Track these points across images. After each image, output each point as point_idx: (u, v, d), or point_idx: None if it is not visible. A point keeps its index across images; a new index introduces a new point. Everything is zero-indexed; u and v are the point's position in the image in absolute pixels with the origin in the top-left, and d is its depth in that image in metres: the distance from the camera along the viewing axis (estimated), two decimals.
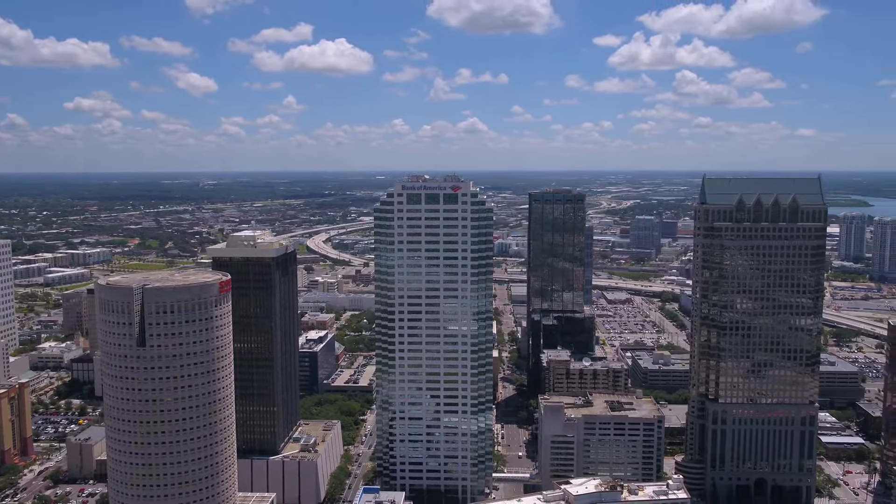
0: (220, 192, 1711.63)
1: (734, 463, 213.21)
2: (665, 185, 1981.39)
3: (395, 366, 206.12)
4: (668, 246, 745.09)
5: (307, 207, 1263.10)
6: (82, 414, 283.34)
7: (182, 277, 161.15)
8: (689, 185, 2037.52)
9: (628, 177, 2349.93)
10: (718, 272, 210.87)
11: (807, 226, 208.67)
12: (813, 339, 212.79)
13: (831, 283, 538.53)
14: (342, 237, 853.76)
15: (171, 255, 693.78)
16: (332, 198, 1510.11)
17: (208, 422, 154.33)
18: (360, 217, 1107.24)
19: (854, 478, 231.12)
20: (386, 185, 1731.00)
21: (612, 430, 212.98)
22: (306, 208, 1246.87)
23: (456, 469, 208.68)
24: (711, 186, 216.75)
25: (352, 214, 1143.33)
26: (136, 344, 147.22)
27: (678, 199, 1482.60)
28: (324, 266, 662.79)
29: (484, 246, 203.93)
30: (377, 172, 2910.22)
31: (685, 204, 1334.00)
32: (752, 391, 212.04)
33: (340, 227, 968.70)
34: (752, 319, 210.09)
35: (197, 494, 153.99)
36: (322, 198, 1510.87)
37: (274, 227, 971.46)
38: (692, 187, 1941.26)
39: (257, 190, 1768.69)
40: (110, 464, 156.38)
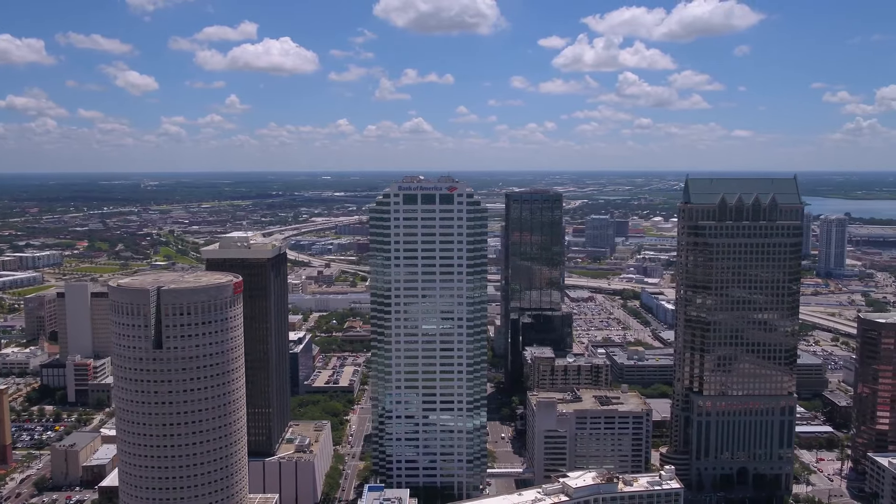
0: (163, 193, 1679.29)
1: (718, 453, 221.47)
2: (609, 185, 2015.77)
3: (392, 364, 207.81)
4: (622, 245, 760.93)
5: (256, 208, 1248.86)
6: (57, 420, 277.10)
7: (193, 279, 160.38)
8: (633, 184, 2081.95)
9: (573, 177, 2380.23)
10: (703, 269, 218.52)
11: (785, 224, 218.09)
12: (791, 332, 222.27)
13: None
14: (297, 238, 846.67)
15: (123, 258, 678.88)
16: (280, 198, 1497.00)
17: (223, 423, 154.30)
18: (311, 218, 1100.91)
19: (827, 464, 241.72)
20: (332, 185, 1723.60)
21: (602, 423, 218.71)
22: (255, 209, 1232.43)
23: (452, 466, 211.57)
24: (695, 186, 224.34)
25: (303, 215, 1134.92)
26: (152, 346, 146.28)
27: (624, 198, 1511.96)
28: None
29: (479, 246, 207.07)
30: (323, 173, 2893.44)
31: (632, 203, 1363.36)
32: (735, 384, 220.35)
33: (294, 228, 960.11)
34: (735, 314, 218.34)
35: (213, 496, 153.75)
36: (270, 198, 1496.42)
37: (225, 228, 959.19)
38: (636, 187, 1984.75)
39: (202, 191, 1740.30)
40: (123, 467, 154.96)
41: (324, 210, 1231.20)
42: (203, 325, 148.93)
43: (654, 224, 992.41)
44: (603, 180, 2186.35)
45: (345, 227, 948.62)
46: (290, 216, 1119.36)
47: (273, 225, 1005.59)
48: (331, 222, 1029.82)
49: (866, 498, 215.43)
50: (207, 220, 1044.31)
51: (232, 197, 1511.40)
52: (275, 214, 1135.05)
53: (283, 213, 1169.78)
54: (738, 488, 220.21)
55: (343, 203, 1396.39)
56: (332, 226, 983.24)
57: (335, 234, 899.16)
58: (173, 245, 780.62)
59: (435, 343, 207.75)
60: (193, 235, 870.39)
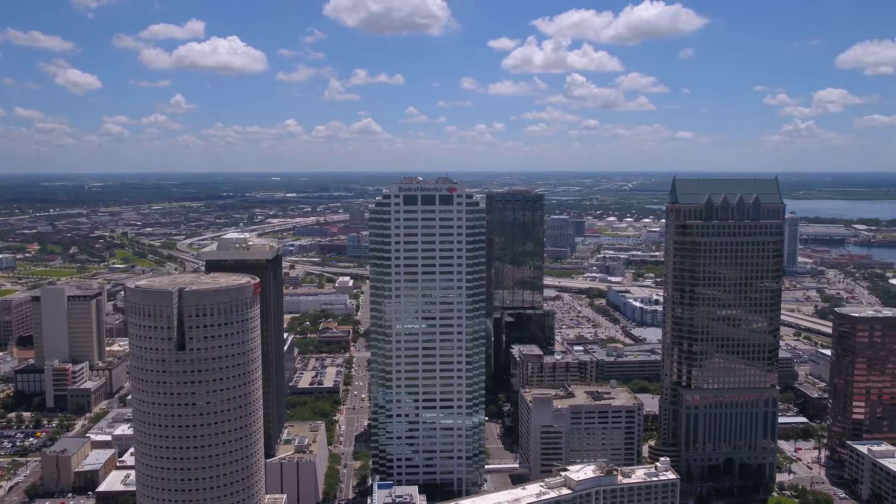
0: (109, 194, 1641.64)
1: (705, 444, 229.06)
2: (559, 185, 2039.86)
3: (391, 363, 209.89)
4: (581, 244, 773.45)
5: (208, 210, 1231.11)
6: (38, 427, 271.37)
7: (211, 280, 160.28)
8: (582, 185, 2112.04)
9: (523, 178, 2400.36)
10: (690, 267, 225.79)
11: (768, 223, 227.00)
12: (773, 328, 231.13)
13: None
14: None
15: (79, 261, 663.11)
16: (231, 200, 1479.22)
17: (243, 423, 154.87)
18: (267, 219, 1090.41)
19: (804, 453, 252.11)
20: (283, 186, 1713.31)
21: (596, 418, 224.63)
22: (208, 210, 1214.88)
23: (451, 463, 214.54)
24: (682, 187, 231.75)
25: (258, 217, 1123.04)
26: (174, 347, 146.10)
27: (575, 199, 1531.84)
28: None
29: (478, 245, 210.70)
30: (272, 174, 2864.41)
31: (584, 204, 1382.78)
32: (721, 378, 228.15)
33: (251, 230, 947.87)
34: (721, 310, 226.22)
35: (234, 497, 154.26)
36: (221, 200, 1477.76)
37: (179, 230, 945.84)
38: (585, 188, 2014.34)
39: (149, 192, 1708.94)
40: (142, 469, 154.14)
41: (278, 211, 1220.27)
42: (225, 325, 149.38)
43: (609, 224, 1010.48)
44: (553, 181, 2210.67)
45: (303, 228, 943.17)
46: (244, 218, 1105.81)
47: (228, 227, 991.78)
48: (287, 224, 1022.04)
49: (846, 484, 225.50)
50: (160, 223, 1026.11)
51: (181, 198, 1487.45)
52: (229, 216, 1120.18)
53: (237, 214, 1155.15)
54: (725, 478, 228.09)
55: (297, 204, 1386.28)
56: (290, 227, 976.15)
57: (293, 236, 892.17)
58: (129, 247, 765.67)
59: (434, 342, 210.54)
60: (148, 238, 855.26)
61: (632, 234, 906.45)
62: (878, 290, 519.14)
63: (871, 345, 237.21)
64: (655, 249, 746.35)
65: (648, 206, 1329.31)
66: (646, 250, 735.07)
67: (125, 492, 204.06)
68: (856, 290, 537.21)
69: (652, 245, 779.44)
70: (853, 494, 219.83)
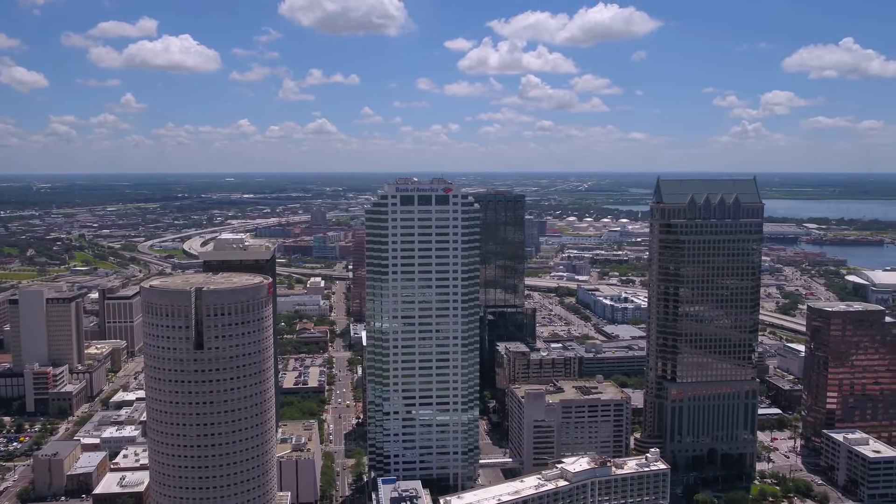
0: (59, 195, 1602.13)
1: (690, 435, 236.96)
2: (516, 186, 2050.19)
3: (389, 362, 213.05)
4: (545, 244, 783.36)
5: (166, 211, 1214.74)
6: (20, 431, 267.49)
7: (224, 280, 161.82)
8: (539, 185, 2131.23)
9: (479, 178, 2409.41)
10: (675, 264, 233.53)
11: (748, 221, 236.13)
12: (754, 321, 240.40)
13: None
14: None
15: (38, 263, 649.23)
16: (187, 201, 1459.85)
17: (259, 421, 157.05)
18: (227, 221, 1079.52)
19: (780, 443, 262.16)
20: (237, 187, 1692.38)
21: (586, 412, 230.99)
22: (165, 212, 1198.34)
23: (447, 459, 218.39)
24: (666, 187, 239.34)
25: (217, 218, 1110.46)
26: (193, 347, 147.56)
27: (534, 199, 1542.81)
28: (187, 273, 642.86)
29: (473, 245, 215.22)
30: (225, 174, 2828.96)
31: (542, 204, 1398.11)
32: (704, 371, 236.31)
33: (212, 231, 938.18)
34: (705, 306, 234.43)
35: (250, 494, 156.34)
36: (177, 201, 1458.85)
37: (138, 231, 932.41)
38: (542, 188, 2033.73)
39: (101, 193, 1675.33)
40: (157, 468, 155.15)
41: (237, 213, 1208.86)
42: (242, 324, 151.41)
43: (570, 224, 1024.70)
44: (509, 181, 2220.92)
45: (265, 229, 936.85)
46: (203, 219, 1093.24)
47: (188, 228, 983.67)
48: (248, 225, 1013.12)
49: (822, 471, 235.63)
50: (118, 224, 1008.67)
51: (135, 199, 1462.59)
52: (187, 217, 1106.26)
53: (196, 216, 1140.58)
54: (708, 468, 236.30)
55: (255, 205, 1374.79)
56: (251, 228, 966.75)
57: (255, 237, 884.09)
58: (88, 250, 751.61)
59: (431, 340, 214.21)
60: (106, 240, 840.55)
61: (592, 233, 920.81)
62: (834, 286, 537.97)
63: (843, 338, 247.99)
64: (618, 249, 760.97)
65: (606, 207, 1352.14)
66: (608, 250, 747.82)
67: (122, 493, 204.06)
68: (813, 286, 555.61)
69: (614, 244, 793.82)
70: (830, 481, 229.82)
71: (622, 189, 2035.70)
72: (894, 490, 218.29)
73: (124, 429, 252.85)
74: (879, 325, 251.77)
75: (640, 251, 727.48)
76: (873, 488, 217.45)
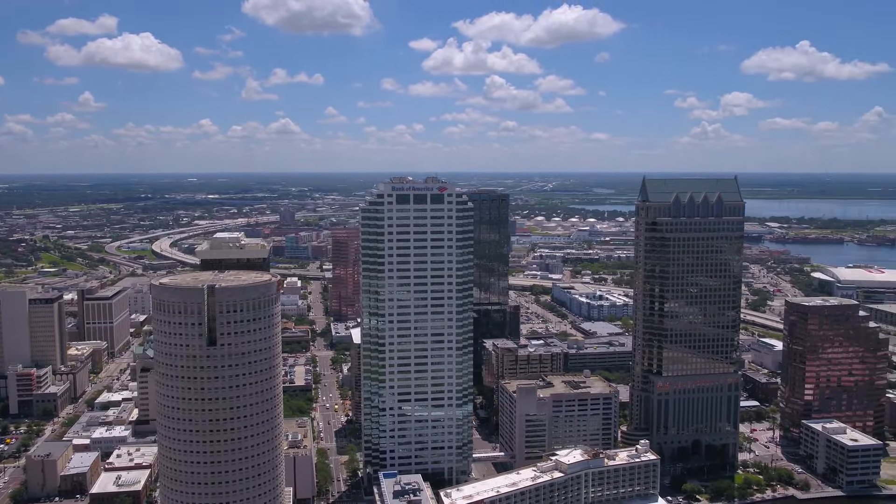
0: (17, 196, 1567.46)
1: (675, 428, 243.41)
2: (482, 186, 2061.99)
3: (385, 359, 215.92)
4: (516, 243, 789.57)
5: (131, 212, 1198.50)
6: (5, 433, 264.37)
7: (234, 277, 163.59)
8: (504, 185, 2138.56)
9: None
10: (661, 261, 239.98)
11: (730, 219, 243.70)
12: (736, 316, 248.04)
13: None
14: (191, 242, 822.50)
15: (4, 265, 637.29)
16: (151, 202, 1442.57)
17: (269, 416, 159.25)
18: (194, 221, 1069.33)
19: (760, 434, 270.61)
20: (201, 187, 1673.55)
21: (576, 406, 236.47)
22: (130, 213, 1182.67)
23: (442, 454, 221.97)
24: (652, 186, 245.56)
25: (184, 219, 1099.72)
26: (206, 343, 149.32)
27: None
28: (184, 271, 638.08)
29: (467, 243, 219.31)
30: (188, 175, 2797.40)
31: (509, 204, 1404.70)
32: (689, 365, 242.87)
33: (180, 232, 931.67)
34: (689, 301, 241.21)
35: (261, 488, 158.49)
36: (140, 202, 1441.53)
37: (104, 232, 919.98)
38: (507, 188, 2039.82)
39: (61, 194, 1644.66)
40: (168, 463, 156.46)
41: (203, 213, 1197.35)
42: (253, 321, 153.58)
43: (538, 224, 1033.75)
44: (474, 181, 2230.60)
45: (234, 230, 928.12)
46: (169, 220, 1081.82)
47: (155, 229, 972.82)
48: (216, 225, 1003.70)
49: (801, 460, 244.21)
50: (82, 225, 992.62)
51: (97, 200, 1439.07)
52: (153, 218, 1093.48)
53: (161, 216, 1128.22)
54: (693, 458, 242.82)
55: (221, 206, 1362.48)
56: (220, 229, 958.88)
57: None
58: (55, 251, 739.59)
59: (426, 337, 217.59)
60: (72, 241, 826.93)
61: (561, 233, 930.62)
62: (800, 283, 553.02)
63: (820, 331, 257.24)
64: (588, 248, 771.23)
65: (572, 207, 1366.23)
66: (579, 249, 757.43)
67: (120, 493, 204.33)
68: (779, 283, 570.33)
69: (583, 244, 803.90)
70: (809, 469, 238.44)
71: (586, 189, 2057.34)
72: (871, 477, 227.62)
73: (114, 429, 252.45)
74: (854, 319, 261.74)
75: (610, 250, 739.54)
76: (852, 475, 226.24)
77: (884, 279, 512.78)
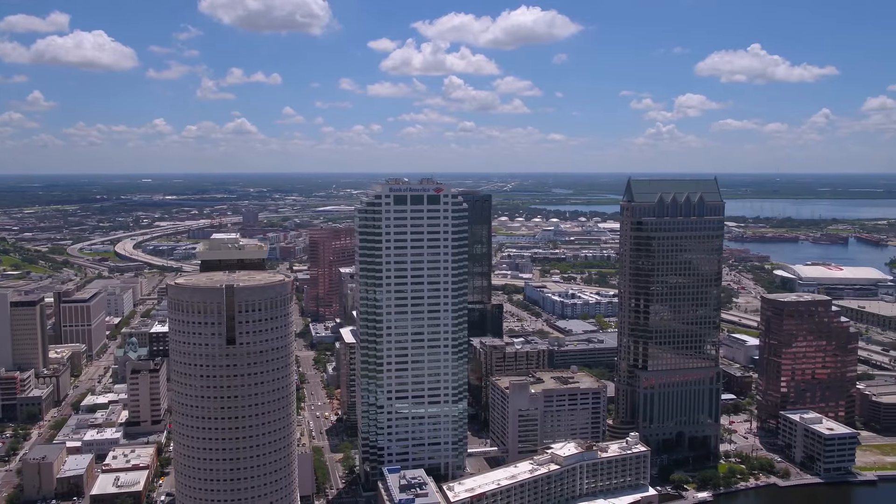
0: None
1: (660, 420, 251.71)
2: None
3: (383, 357, 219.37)
4: None
5: (88, 213, 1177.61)
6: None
7: (248, 277, 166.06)
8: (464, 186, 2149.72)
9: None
10: (645, 259, 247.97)
11: (711, 219, 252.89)
12: (717, 311, 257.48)
13: None
14: (155, 243, 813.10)
15: None
16: (108, 203, 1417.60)
17: (284, 414, 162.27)
18: (155, 222, 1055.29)
19: (738, 426, 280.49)
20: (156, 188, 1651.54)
21: (566, 400, 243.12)
22: (88, 214, 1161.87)
23: (438, 450, 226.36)
24: (637, 187, 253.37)
25: (144, 220, 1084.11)
26: (225, 342, 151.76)
27: None
28: (151, 273, 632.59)
29: (462, 243, 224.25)
30: (142, 175, 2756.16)
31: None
32: (673, 359, 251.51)
33: (143, 234, 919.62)
34: (673, 298, 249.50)
35: (276, 485, 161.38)
36: (97, 203, 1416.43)
37: (63, 234, 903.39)
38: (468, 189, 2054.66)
39: (12, 195, 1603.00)
40: (184, 461, 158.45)
41: (164, 214, 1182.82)
42: (270, 320, 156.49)
43: (502, 224, 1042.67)
44: None
45: (198, 231, 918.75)
46: (129, 221, 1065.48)
47: (115, 230, 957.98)
48: (179, 227, 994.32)
49: (780, 449, 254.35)
50: (39, 227, 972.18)
51: (51, 202, 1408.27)
52: (112, 220, 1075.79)
53: (120, 218, 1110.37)
54: (677, 450, 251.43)
55: (180, 207, 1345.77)
56: (183, 230, 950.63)
57: (189, 239, 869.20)
58: (14, 253, 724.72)
59: (423, 336, 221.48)
60: (31, 243, 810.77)
61: (525, 233, 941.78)
62: (762, 280, 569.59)
63: (795, 326, 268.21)
64: (553, 247, 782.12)
65: (533, 207, 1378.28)
66: (546, 248, 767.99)
67: (121, 493, 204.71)
68: (742, 281, 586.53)
69: (549, 243, 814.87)
70: (787, 458, 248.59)
71: (545, 189, 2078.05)
72: (847, 464, 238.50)
73: (105, 431, 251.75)
74: (827, 314, 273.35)
75: (576, 249, 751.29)
76: (829, 462, 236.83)
77: (843, 276, 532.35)
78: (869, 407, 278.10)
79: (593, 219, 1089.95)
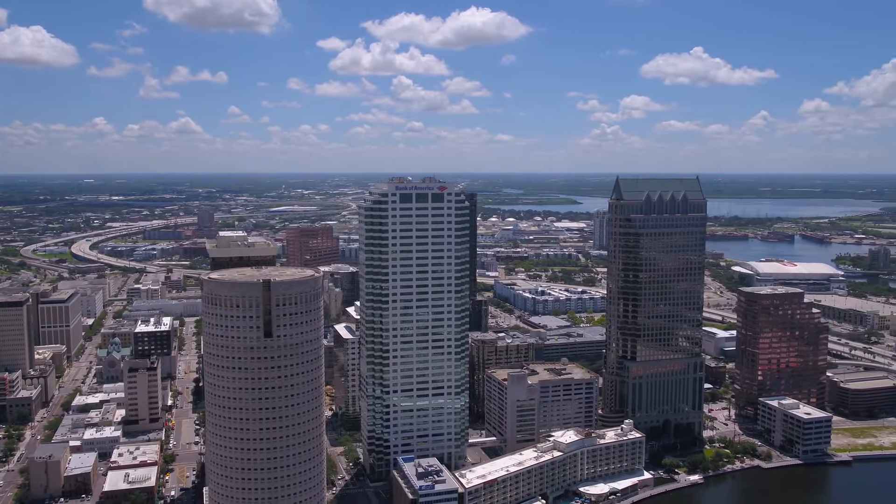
0: None
1: (647, 409, 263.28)
2: None
3: (389, 353, 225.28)
4: None
5: (34, 214, 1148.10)
6: None
7: (278, 272, 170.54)
8: None
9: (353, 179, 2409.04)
10: (633, 255, 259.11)
11: (694, 216, 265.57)
12: (699, 304, 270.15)
13: (595, 269, 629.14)
14: (112, 244, 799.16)
15: None
16: (53, 203, 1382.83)
17: (316, 405, 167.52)
18: (107, 223, 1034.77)
19: (717, 413, 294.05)
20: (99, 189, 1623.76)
21: (561, 391, 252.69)
22: (34, 215, 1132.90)
23: (441, 441, 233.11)
24: (625, 185, 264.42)
25: (95, 221, 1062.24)
26: (262, 335, 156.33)
27: None
28: (114, 274, 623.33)
29: (464, 240, 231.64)
30: (84, 175, 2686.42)
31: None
32: (659, 350, 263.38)
33: (96, 234, 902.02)
34: (659, 292, 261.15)
35: (309, 474, 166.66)
36: (41, 204, 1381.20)
37: (12, 236, 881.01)
38: None
39: None
40: (218, 451, 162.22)
41: (114, 215, 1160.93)
42: (304, 314, 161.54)
43: None
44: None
45: (154, 231, 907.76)
46: (80, 222, 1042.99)
47: (67, 232, 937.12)
48: (132, 227, 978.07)
49: (759, 434, 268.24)
50: None
51: None
52: (62, 221, 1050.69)
53: (69, 219, 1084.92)
54: (664, 437, 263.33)
55: (129, 207, 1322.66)
56: (137, 231, 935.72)
57: (146, 240, 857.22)
58: None
59: (427, 331, 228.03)
60: None
61: (484, 232, 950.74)
62: (721, 277, 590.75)
63: (771, 317, 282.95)
64: (514, 246, 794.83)
65: (487, 207, 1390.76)
66: (507, 247, 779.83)
67: (133, 489, 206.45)
68: None
69: (509, 242, 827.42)
70: (767, 442, 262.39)
71: (496, 189, 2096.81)
72: (823, 446, 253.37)
73: (104, 430, 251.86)
74: (799, 307, 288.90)
75: (537, 248, 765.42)
76: (807, 445, 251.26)
77: (797, 272, 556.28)
78: (838, 393, 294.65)
79: (548, 218, 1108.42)
